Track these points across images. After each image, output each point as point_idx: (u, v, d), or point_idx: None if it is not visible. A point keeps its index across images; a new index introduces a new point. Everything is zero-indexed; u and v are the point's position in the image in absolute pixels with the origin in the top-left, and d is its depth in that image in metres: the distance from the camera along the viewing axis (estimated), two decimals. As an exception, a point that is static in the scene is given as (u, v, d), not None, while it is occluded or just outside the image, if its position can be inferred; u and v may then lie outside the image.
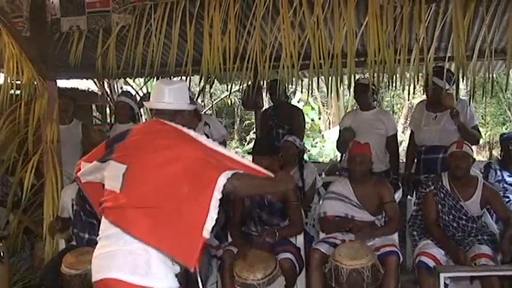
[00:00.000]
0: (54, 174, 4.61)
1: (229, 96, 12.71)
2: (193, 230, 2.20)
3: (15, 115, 4.80)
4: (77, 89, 8.24)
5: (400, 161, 5.51)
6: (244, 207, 4.18)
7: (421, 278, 3.89)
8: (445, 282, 3.71)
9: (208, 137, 4.98)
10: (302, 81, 7.21)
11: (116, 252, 2.31)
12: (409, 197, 5.03)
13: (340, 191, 4.19)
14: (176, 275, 2.43)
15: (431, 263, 3.85)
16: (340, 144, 5.44)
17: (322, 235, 4.26)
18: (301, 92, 11.77)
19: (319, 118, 13.29)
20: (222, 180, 2.20)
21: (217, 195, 2.19)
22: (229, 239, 4.27)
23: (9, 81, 4.83)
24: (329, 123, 13.72)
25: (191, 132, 2.50)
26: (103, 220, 2.44)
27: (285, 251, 3.90)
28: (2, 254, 4.21)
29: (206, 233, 2.20)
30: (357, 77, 5.47)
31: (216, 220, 2.21)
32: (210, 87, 5.98)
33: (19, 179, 4.91)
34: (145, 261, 2.27)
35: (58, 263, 4.11)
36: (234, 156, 2.51)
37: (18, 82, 4.82)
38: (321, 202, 5.08)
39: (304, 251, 4.22)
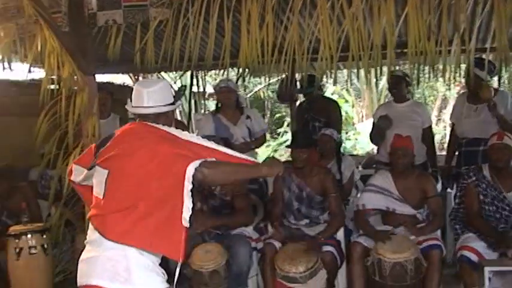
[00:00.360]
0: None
1: (267, 89, 12.63)
2: (173, 223, 2.21)
3: (56, 109, 4.87)
4: (113, 83, 8.31)
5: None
6: (284, 200, 4.18)
7: (463, 272, 3.84)
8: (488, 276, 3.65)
9: (249, 130, 5.05)
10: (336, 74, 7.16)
11: (97, 258, 2.29)
12: (448, 189, 4.96)
13: (380, 183, 4.15)
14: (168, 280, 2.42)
15: (473, 258, 3.80)
16: (375, 136, 5.38)
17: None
18: (334, 84, 11.67)
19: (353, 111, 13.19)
20: (190, 170, 2.19)
21: (188, 185, 2.19)
22: (270, 232, 4.27)
23: (49, 76, 4.91)
24: (362, 116, 13.61)
25: (172, 130, 2.47)
26: (90, 225, 2.41)
27: (326, 244, 3.89)
28: (45, 245, 4.29)
29: (185, 222, 2.21)
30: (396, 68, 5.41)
31: (192, 209, 2.21)
32: (243, 80, 5.98)
33: (60, 172, 4.99)
34: (125, 268, 2.24)
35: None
36: (217, 147, 2.51)
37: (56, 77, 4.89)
38: (359, 195, 5.07)
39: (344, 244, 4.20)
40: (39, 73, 5.34)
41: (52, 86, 4.96)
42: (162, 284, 2.33)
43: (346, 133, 11.88)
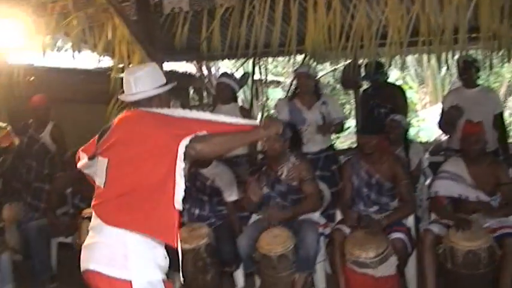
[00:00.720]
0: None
1: (334, 75, 12.49)
2: (166, 205, 2.20)
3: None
4: (176, 71, 8.44)
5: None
6: (353, 187, 4.15)
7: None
8: None
9: (323, 116, 5.03)
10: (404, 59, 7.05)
11: (96, 244, 2.31)
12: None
13: (453, 170, 4.05)
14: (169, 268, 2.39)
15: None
16: (445, 124, 5.26)
17: (433, 216, 4.16)
18: (402, 70, 11.45)
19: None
20: (181, 148, 2.17)
21: (180, 164, 2.17)
22: (338, 218, 4.26)
23: (118, 64, 5.03)
24: (425, 103, 13.32)
25: (164, 111, 2.44)
26: (93, 213, 2.43)
27: (397, 231, 3.85)
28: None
29: (178, 205, 2.19)
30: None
31: (185, 190, 2.19)
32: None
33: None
34: (123, 254, 2.24)
35: (171, 238, 4.28)
36: (214, 118, 2.47)
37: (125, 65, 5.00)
38: (426, 182, 4.99)
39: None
40: (107, 61, 5.47)
41: (122, 74, 5.09)
42: (160, 274, 2.30)
43: (410, 120, 11.64)
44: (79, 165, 2.58)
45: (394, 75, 11.62)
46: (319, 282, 4.27)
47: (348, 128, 9.26)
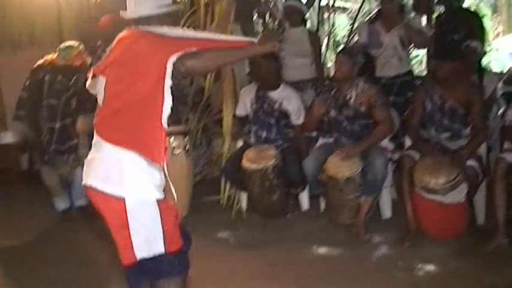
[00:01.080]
0: (232, 74, 4.79)
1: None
2: (153, 123, 2.18)
3: (196, 17, 5.01)
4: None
5: None
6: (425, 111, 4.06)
7: None
8: None
9: (402, 41, 4.88)
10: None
11: (95, 160, 2.32)
12: None
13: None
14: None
15: None
16: None
17: (506, 145, 4.04)
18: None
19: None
20: (169, 65, 2.15)
21: (168, 81, 2.16)
22: (407, 144, 4.21)
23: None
24: (498, 33, 12.67)
25: (161, 29, 2.38)
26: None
27: (469, 158, 3.77)
28: (187, 147, 4.54)
29: (164, 123, 2.18)
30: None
31: (172, 109, 2.16)
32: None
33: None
34: (118, 172, 2.21)
35: (239, 158, 4.37)
36: (210, 36, 2.43)
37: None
38: (499, 112, 4.83)
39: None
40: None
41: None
42: (155, 193, 2.25)
43: (486, 48, 11.15)
44: (87, 85, 2.57)
45: (468, 2, 11.08)
46: (384, 207, 4.29)
47: (417, 56, 8.98)
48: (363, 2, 8.40)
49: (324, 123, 4.34)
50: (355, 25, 7.64)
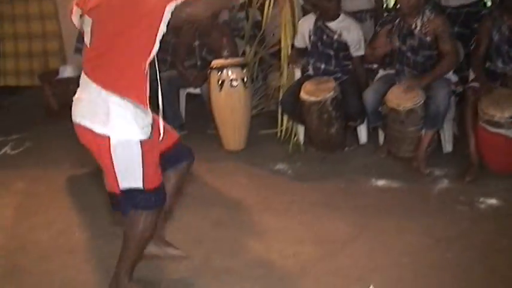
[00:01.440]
0: (291, 5, 4.68)
1: None
2: (138, 67, 2.23)
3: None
4: None
5: None
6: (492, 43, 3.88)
7: None
8: None
9: None
10: None
11: (82, 99, 2.40)
12: None
13: None
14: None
15: None
16: None
17: None
18: None
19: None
20: (167, 12, 2.16)
21: (163, 27, 2.18)
22: (472, 77, 4.06)
23: None
24: None
25: None
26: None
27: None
28: (245, 79, 4.52)
29: (146, 66, 2.23)
30: None
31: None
32: None
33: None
34: (104, 112, 2.31)
35: (297, 90, 4.33)
36: None
37: None
38: None
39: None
40: None
41: None
42: (138, 134, 2.36)
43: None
44: (73, 18, 2.56)
45: None
46: (446, 141, 4.20)
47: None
48: None
49: (386, 56, 4.23)
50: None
